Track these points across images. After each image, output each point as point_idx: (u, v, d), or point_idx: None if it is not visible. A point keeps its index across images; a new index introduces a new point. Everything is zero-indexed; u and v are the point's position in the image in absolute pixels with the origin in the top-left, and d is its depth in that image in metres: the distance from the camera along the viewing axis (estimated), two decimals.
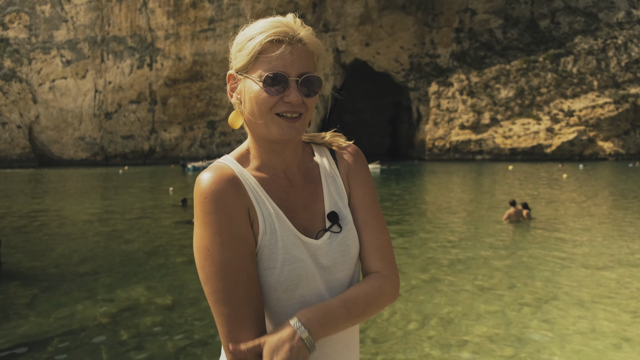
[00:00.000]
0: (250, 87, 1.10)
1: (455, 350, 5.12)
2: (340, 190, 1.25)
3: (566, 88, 77.36)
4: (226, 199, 1.07)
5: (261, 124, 1.11)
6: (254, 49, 1.08)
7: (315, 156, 1.29)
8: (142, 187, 30.60)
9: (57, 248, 11.08)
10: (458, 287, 7.40)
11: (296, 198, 1.19)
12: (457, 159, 74.99)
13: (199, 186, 1.09)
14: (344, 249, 1.19)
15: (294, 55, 1.09)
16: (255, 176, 1.16)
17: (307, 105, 1.12)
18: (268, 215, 1.12)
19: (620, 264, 8.76)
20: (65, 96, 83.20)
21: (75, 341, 5.61)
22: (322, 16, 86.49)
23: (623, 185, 26.49)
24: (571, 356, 4.94)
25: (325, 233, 1.18)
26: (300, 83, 1.09)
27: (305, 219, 1.18)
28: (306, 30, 1.14)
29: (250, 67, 1.10)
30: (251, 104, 1.11)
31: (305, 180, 1.23)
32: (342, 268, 1.18)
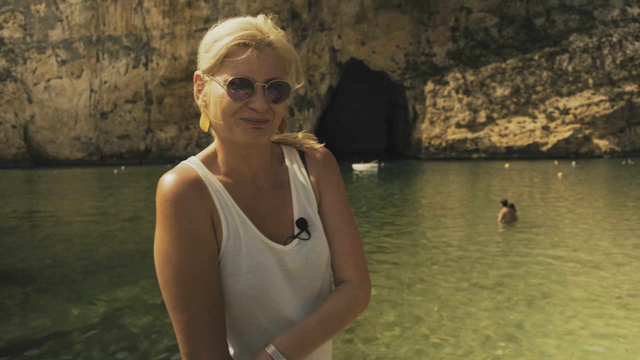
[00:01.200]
0: (215, 90, 1.06)
1: (449, 349, 5.13)
2: (310, 196, 1.21)
3: (562, 86, 77.56)
4: (188, 202, 1.03)
5: (225, 127, 1.07)
6: (220, 51, 1.04)
7: (285, 160, 1.24)
8: (137, 187, 30.53)
9: (51, 249, 11.04)
10: (453, 286, 7.41)
11: (264, 204, 1.15)
12: (453, 157, 75.10)
13: (161, 188, 1.05)
14: (312, 256, 1.15)
15: (262, 59, 1.04)
16: (221, 180, 1.12)
17: (275, 112, 1.07)
18: (232, 220, 1.09)
19: (613, 262, 8.79)
20: (61, 96, 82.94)
21: (68, 341, 5.60)
22: (317, 15, 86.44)
23: (615, 183, 26.58)
24: (564, 355, 4.95)
25: (294, 240, 1.15)
26: (267, 89, 1.05)
27: (274, 226, 1.15)
28: (277, 34, 1.09)
29: (216, 69, 1.06)
30: (215, 108, 1.07)
31: (273, 186, 1.19)
32: (310, 275, 1.15)
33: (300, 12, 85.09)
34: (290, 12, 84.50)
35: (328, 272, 1.21)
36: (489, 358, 4.89)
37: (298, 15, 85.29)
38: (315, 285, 1.17)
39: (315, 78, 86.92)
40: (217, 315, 1.02)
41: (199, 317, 1.00)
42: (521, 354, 4.94)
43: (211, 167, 1.14)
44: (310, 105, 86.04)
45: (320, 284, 1.19)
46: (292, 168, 1.23)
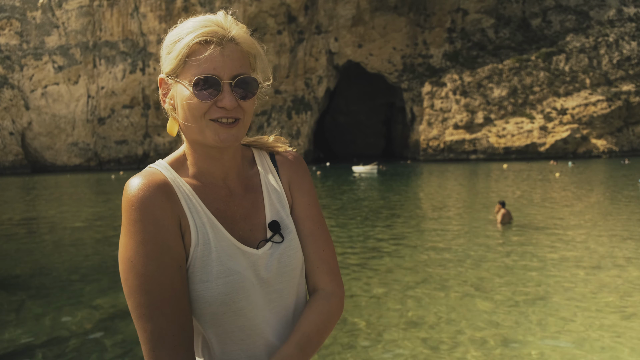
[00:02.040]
0: (181, 93, 1.03)
1: (446, 351, 5.06)
2: (282, 199, 1.19)
3: (559, 86, 77.71)
4: (154, 207, 0.99)
5: (196, 130, 1.03)
6: (182, 51, 1.01)
7: (257, 163, 1.22)
8: None
9: (48, 255, 10.97)
10: (450, 288, 7.34)
11: (236, 208, 1.12)
12: (451, 159, 75.13)
13: (126, 192, 1.00)
14: (286, 260, 1.12)
15: (226, 56, 1.01)
16: (190, 184, 1.08)
17: (244, 109, 1.04)
18: (202, 225, 1.05)
19: (611, 263, 8.73)
20: (58, 102, 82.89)
21: (65, 348, 5.54)
22: (314, 18, 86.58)
23: (613, 182, 26.56)
24: (564, 356, 4.89)
25: (267, 243, 1.12)
26: (235, 85, 1.02)
27: (246, 230, 1.11)
28: (239, 29, 1.06)
29: (179, 71, 1.03)
30: (184, 110, 1.03)
31: (245, 189, 1.16)
32: (284, 279, 1.12)
33: (297, 15, 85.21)
34: (286, 16, 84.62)
35: (303, 278, 1.18)
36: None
37: (294, 19, 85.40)
38: (291, 292, 1.14)
39: (313, 81, 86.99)
40: (183, 325, 0.98)
41: (165, 326, 0.95)
42: (520, 356, 4.87)
43: (180, 171, 1.10)
44: (308, 108, 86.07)
45: (296, 290, 1.16)
46: (263, 171, 1.20)
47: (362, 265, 8.91)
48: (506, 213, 12.90)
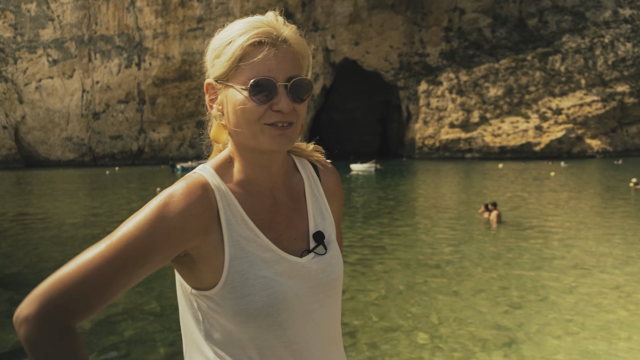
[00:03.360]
0: (233, 97, 0.99)
1: (447, 351, 5.06)
2: (324, 210, 1.17)
3: (554, 86, 78.02)
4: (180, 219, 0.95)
5: (249, 135, 1.00)
6: (234, 53, 0.97)
7: (300, 170, 1.19)
8: (131, 188, 30.31)
9: (44, 252, 10.88)
10: (446, 288, 7.35)
11: (281, 218, 1.09)
12: (446, 157, 75.31)
13: (169, 190, 0.99)
14: (329, 270, 1.10)
15: (280, 57, 0.98)
16: (235, 192, 1.05)
17: (298, 112, 1.01)
18: (242, 237, 1.01)
19: (609, 262, 8.78)
20: (52, 96, 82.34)
21: None
22: (311, 15, 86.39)
23: (607, 182, 26.72)
24: (564, 355, 4.90)
25: (310, 254, 1.09)
26: (290, 88, 0.98)
27: (290, 239, 1.09)
28: (290, 29, 1.02)
29: (231, 74, 0.99)
30: (236, 115, 0.99)
31: (290, 198, 1.13)
32: (327, 290, 1.10)
33: (294, 12, 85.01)
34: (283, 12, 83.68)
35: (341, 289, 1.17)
36: None
37: (292, 15, 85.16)
38: (334, 302, 1.13)
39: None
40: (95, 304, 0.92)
41: (92, 286, 0.91)
42: (520, 355, 4.88)
43: (225, 177, 1.06)
44: None
45: (338, 301, 1.15)
46: (307, 179, 1.18)
47: (360, 265, 8.91)
48: (499, 213, 13.07)
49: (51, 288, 0.90)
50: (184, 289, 1.07)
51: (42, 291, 0.90)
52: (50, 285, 0.90)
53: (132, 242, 0.92)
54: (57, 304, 0.89)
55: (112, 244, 0.93)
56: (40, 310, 0.89)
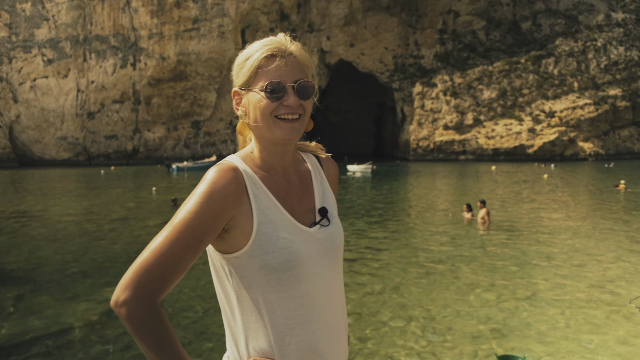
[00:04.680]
0: (253, 98, 1.28)
1: (438, 347, 5.28)
2: (327, 191, 1.46)
3: (547, 89, 78.57)
4: (221, 195, 1.21)
5: (265, 128, 1.28)
6: (253, 65, 1.27)
7: (306, 161, 1.48)
8: (126, 187, 30.37)
9: (41, 249, 11.02)
10: (439, 285, 7.58)
11: (293, 195, 1.36)
12: (441, 159, 75.66)
13: (207, 176, 1.25)
14: (332, 238, 1.37)
15: (288, 66, 1.27)
16: (257, 173, 1.32)
17: (305, 107, 1.30)
18: (265, 207, 1.28)
19: (598, 261, 9.04)
20: (47, 95, 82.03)
21: (62, 342, 5.64)
22: (306, 17, 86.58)
23: (598, 184, 27.07)
24: (553, 349, 5.13)
25: (317, 225, 1.36)
26: (296, 88, 1.27)
27: (301, 213, 1.35)
28: (295, 45, 1.32)
29: (251, 81, 1.28)
30: (255, 112, 1.28)
31: (300, 180, 1.41)
32: (332, 254, 1.37)
33: (289, 13, 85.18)
34: (279, 13, 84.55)
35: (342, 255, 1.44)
36: (479, 355, 5.06)
37: (287, 17, 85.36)
38: (337, 264, 1.39)
39: None
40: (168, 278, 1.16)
41: (161, 261, 1.15)
42: (509, 347, 5.11)
43: (248, 163, 1.34)
44: None
45: (340, 264, 1.42)
46: (312, 167, 1.47)
47: (357, 262, 9.13)
48: (487, 212, 13.33)
49: (137, 274, 1.14)
50: (215, 260, 1.32)
51: (130, 277, 1.14)
52: (135, 272, 1.14)
53: (190, 223, 1.18)
54: (145, 286, 1.13)
55: (175, 228, 1.18)
56: (135, 292, 1.12)
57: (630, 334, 5.52)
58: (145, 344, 1.14)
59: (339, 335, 1.38)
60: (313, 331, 1.30)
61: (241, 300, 1.29)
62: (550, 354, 5.01)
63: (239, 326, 1.31)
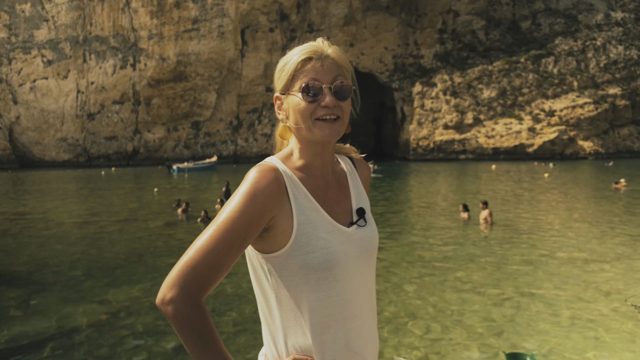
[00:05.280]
0: (292, 101, 1.31)
1: (443, 345, 5.33)
2: (362, 192, 1.49)
3: (547, 88, 78.66)
4: (264, 195, 1.24)
5: (305, 129, 1.31)
6: (290, 69, 1.31)
7: (341, 163, 1.51)
8: (127, 188, 30.42)
9: (45, 250, 11.06)
10: (441, 283, 7.63)
11: (331, 195, 1.39)
12: (441, 158, 75.74)
13: (249, 176, 1.26)
14: (368, 239, 1.39)
15: (325, 67, 1.30)
16: (296, 175, 1.34)
17: (343, 108, 1.31)
18: (305, 208, 1.30)
19: (599, 260, 9.09)
20: (47, 97, 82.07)
21: (72, 342, 5.68)
22: (306, 17, 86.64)
23: (598, 183, 27.14)
24: (555, 348, 5.18)
25: (353, 225, 1.38)
26: (333, 89, 1.29)
27: (339, 213, 1.38)
28: (333, 48, 1.35)
29: (290, 85, 1.31)
30: (295, 114, 1.31)
31: (336, 181, 1.44)
32: (367, 254, 1.38)
33: (289, 13, 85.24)
34: (279, 14, 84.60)
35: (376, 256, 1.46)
36: (486, 353, 5.11)
37: (287, 17, 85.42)
38: (371, 265, 1.41)
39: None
40: (213, 276, 1.19)
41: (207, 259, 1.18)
42: (511, 345, 5.16)
43: (287, 164, 1.36)
44: None
45: (374, 264, 1.43)
46: (347, 169, 1.50)
47: None
48: (489, 212, 13.36)
49: (183, 272, 1.17)
50: (254, 260, 1.35)
51: (176, 276, 1.17)
52: (181, 270, 1.17)
53: (234, 222, 1.20)
54: (191, 284, 1.16)
55: (219, 227, 1.20)
56: (181, 290, 1.15)
57: (634, 332, 5.57)
58: (191, 341, 1.16)
59: (372, 332, 1.41)
60: (349, 329, 1.32)
61: (280, 299, 1.30)
62: (555, 352, 5.06)
63: (278, 324, 1.32)
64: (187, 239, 11.90)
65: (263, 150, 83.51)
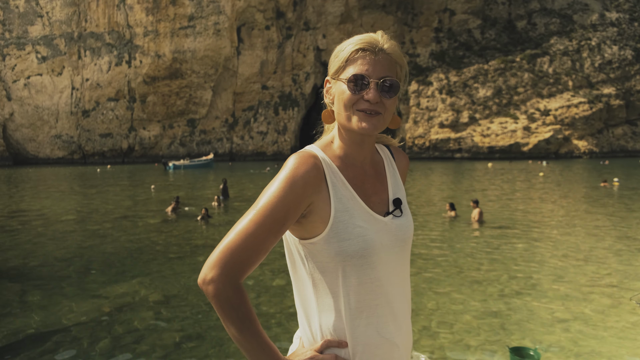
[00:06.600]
0: (339, 88, 1.32)
1: (445, 341, 5.37)
2: (399, 183, 1.50)
3: (542, 88, 78.98)
4: (303, 181, 1.25)
5: (345, 118, 1.31)
6: (344, 56, 1.31)
7: (380, 152, 1.52)
8: (123, 185, 30.33)
9: (44, 247, 11.02)
10: (438, 280, 7.68)
11: (368, 185, 1.40)
12: (436, 157, 75.96)
13: (289, 163, 1.28)
14: (404, 229, 1.40)
15: (377, 61, 1.29)
16: (336, 163, 1.36)
17: (386, 106, 1.30)
18: (343, 196, 1.32)
19: (594, 256, 9.16)
20: (41, 93, 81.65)
21: (71, 337, 5.67)
22: (302, 14, 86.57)
23: (593, 181, 27.32)
24: (556, 342, 5.23)
25: (389, 215, 1.39)
26: (380, 85, 1.28)
27: (376, 203, 1.39)
28: (390, 43, 1.33)
29: (341, 71, 1.32)
30: (339, 101, 1.32)
31: (375, 171, 1.44)
32: (402, 244, 1.40)
33: (285, 11, 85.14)
34: (275, 11, 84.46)
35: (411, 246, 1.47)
36: (488, 348, 5.15)
37: (283, 14, 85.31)
38: (406, 255, 1.43)
39: (300, 77, 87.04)
40: (252, 259, 1.23)
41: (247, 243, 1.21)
42: (510, 340, 5.21)
43: (327, 152, 1.38)
44: (295, 104, 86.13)
45: (409, 254, 1.45)
46: (385, 160, 1.51)
47: None
48: (480, 211, 13.47)
49: (223, 254, 1.21)
50: (291, 245, 1.37)
51: (217, 258, 1.21)
52: (221, 252, 1.21)
53: (274, 207, 1.22)
54: (231, 266, 1.20)
55: (259, 212, 1.23)
56: (221, 271, 1.20)
57: (633, 327, 5.63)
58: (230, 321, 1.21)
59: (405, 320, 1.42)
60: (381, 315, 1.34)
61: (316, 284, 1.33)
62: (556, 345, 5.11)
63: (313, 308, 1.35)
64: (186, 237, 11.90)
65: (259, 148, 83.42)
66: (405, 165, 1.57)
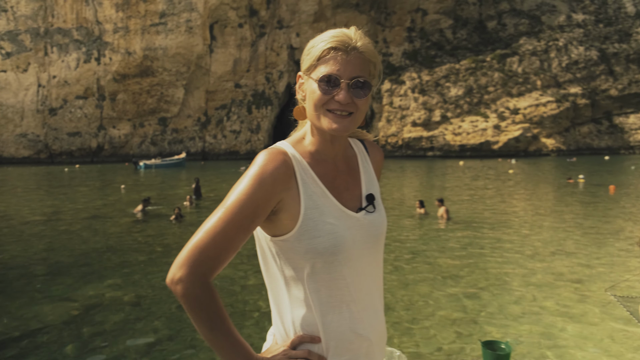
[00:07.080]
0: (310, 86, 1.30)
1: (418, 336, 5.42)
2: (373, 178, 1.49)
3: (512, 87, 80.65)
4: (272, 178, 1.24)
5: (315, 117, 1.30)
6: (315, 54, 1.28)
7: (353, 147, 1.50)
8: (92, 185, 29.64)
9: (8, 249, 10.67)
10: (414, 279, 7.76)
11: (340, 180, 1.39)
12: (409, 155, 76.76)
13: (258, 159, 1.27)
14: (377, 225, 1.40)
15: (347, 61, 1.26)
16: (306, 160, 1.35)
17: (358, 106, 1.28)
18: (313, 193, 1.31)
19: (563, 251, 9.40)
20: (5, 90, 79.03)
21: (39, 342, 5.52)
22: (276, 13, 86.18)
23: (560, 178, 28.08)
24: (527, 333, 5.34)
25: (362, 211, 1.38)
26: (351, 85, 1.26)
27: (348, 199, 1.38)
28: (364, 41, 1.31)
29: (312, 69, 1.29)
30: (309, 100, 1.30)
31: (347, 167, 1.43)
32: (374, 240, 1.39)
33: (259, 9, 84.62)
34: (248, 9, 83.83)
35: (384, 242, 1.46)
36: (461, 342, 5.22)
37: (256, 12, 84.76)
38: (379, 250, 1.43)
39: (273, 76, 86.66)
40: (221, 257, 1.22)
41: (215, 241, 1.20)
42: (483, 333, 5.30)
43: (298, 148, 1.36)
44: (268, 103, 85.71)
45: (382, 250, 1.45)
46: (359, 154, 1.50)
47: None
48: (447, 209, 13.69)
49: (192, 253, 1.19)
50: (263, 242, 1.36)
51: (186, 257, 1.20)
52: (190, 251, 1.20)
53: (242, 204, 1.21)
54: (199, 264, 1.18)
55: (228, 210, 1.22)
56: (190, 270, 1.18)
57: (601, 317, 5.80)
58: (199, 320, 1.20)
59: (378, 316, 1.42)
60: (354, 311, 1.34)
61: (287, 281, 1.33)
62: (527, 337, 5.22)
63: (286, 304, 1.35)
64: (158, 237, 11.70)
65: (232, 147, 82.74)
66: (380, 159, 1.56)
